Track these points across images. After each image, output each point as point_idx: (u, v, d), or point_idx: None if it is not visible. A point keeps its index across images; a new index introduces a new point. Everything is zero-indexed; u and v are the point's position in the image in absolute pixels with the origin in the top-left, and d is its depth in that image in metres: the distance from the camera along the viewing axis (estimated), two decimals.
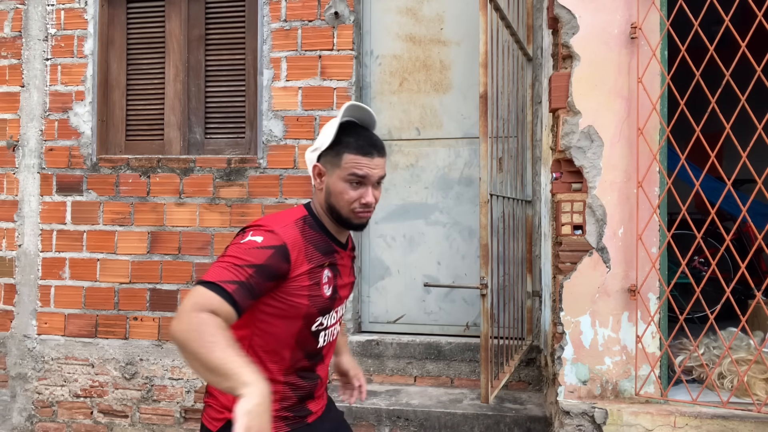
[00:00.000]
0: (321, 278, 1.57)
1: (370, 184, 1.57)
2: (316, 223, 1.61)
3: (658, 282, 2.64)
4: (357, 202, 1.56)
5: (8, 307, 3.86)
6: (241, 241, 1.47)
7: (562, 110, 2.73)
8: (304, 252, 1.53)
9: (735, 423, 2.48)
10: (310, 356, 1.62)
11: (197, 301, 1.31)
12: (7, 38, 3.91)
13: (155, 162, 3.74)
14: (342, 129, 1.59)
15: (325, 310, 1.60)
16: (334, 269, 1.63)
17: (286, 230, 1.52)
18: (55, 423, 3.79)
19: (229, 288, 1.35)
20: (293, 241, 1.51)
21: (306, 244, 1.55)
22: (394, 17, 3.74)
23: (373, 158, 1.56)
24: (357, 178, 1.55)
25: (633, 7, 2.66)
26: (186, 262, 3.69)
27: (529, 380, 3.38)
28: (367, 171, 1.56)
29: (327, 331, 1.65)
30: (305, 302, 1.53)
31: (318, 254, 1.57)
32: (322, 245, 1.59)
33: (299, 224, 1.57)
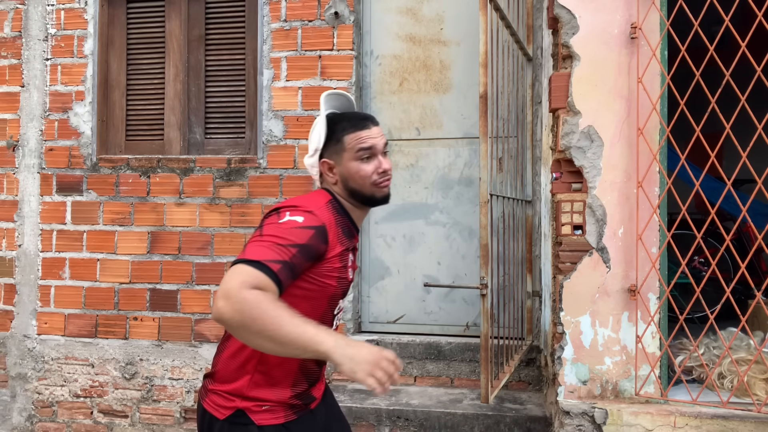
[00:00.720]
0: (347, 261, 1.61)
1: (378, 153, 1.62)
2: (340, 207, 1.63)
3: (658, 282, 2.64)
4: (375, 173, 1.60)
5: (8, 307, 3.86)
6: (279, 221, 1.44)
7: (562, 110, 2.73)
8: (336, 234, 1.55)
9: (735, 423, 2.48)
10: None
11: (245, 279, 1.27)
12: (7, 38, 3.91)
13: (155, 162, 3.74)
14: (331, 121, 1.65)
15: (346, 292, 1.65)
16: (353, 253, 1.67)
17: (323, 212, 1.54)
18: (55, 423, 3.79)
19: (274, 267, 1.33)
20: (330, 223, 1.53)
21: (337, 227, 1.57)
22: (394, 17, 3.74)
23: (370, 129, 1.62)
24: (365, 152, 1.59)
25: (633, 7, 2.66)
26: (186, 262, 3.69)
27: (529, 380, 3.38)
28: (371, 142, 1.61)
29: (340, 313, 1.71)
30: (333, 283, 1.56)
31: (345, 238, 1.60)
32: (347, 229, 1.62)
33: (329, 207, 1.59)
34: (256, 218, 3.62)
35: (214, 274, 3.65)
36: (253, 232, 3.58)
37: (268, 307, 1.24)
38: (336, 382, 3.47)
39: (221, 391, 1.56)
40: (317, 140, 1.63)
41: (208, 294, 3.66)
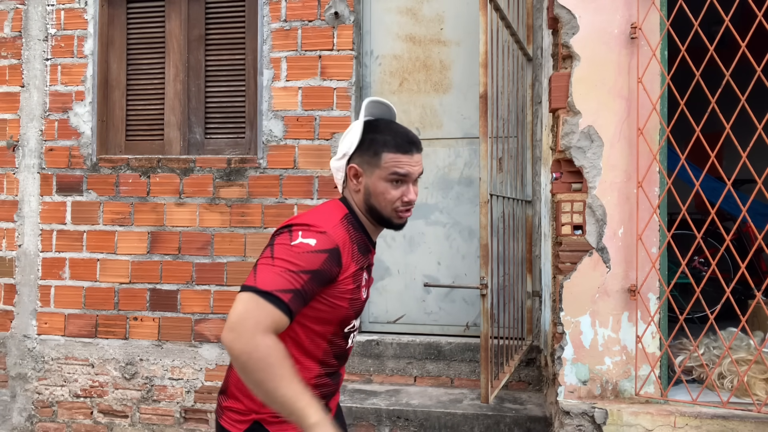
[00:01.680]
0: (361, 281, 1.55)
1: (410, 181, 1.54)
2: (357, 221, 1.56)
3: (658, 282, 2.64)
4: (399, 201, 1.52)
5: (8, 307, 3.86)
6: (291, 243, 1.39)
7: (562, 110, 2.73)
8: (351, 253, 1.49)
9: (735, 423, 2.48)
10: (339, 357, 1.60)
11: (259, 320, 1.27)
12: (7, 38, 3.91)
13: (155, 162, 3.74)
14: (371, 127, 1.54)
15: (359, 312, 1.58)
16: (369, 270, 1.60)
17: (337, 231, 1.46)
18: (55, 423, 3.79)
19: (286, 297, 1.31)
20: (343, 243, 1.46)
21: (352, 245, 1.51)
22: (394, 17, 3.74)
23: (412, 155, 1.52)
24: (398, 176, 1.51)
25: (633, 7, 2.65)
26: (186, 262, 3.69)
27: (529, 380, 3.38)
28: (408, 169, 1.51)
29: (354, 333, 1.63)
30: (345, 305, 1.50)
31: (360, 255, 1.53)
32: (362, 246, 1.55)
33: (344, 223, 1.51)
34: (256, 218, 3.62)
35: (214, 274, 3.65)
36: (254, 231, 3.60)
37: (274, 362, 1.26)
38: None
39: (236, 407, 1.53)
40: (348, 145, 1.55)
41: (208, 294, 3.66)
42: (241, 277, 3.61)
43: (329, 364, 1.58)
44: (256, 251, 3.60)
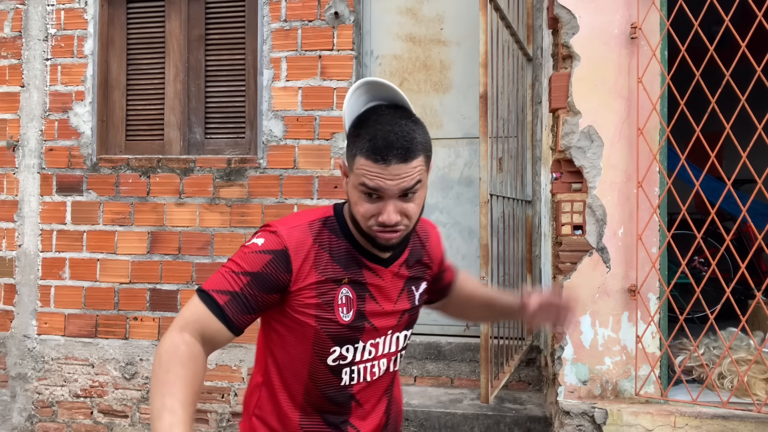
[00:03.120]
0: (336, 298, 1.26)
1: (388, 197, 1.18)
2: (340, 226, 1.30)
3: (658, 282, 2.64)
4: (373, 218, 1.20)
5: (8, 307, 3.86)
6: (245, 243, 1.27)
7: (562, 110, 2.73)
8: (312, 260, 1.25)
9: (735, 423, 2.48)
10: (333, 399, 1.31)
11: (185, 316, 1.18)
12: (7, 38, 3.91)
13: (155, 162, 3.74)
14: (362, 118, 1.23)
15: (345, 339, 1.28)
16: (360, 289, 1.29)
17: (293, 232, 1.25)
18: (55, 423, 3.79)
19: (221, 300, 1.19)
20: (297, 246, 1.24)
21: (318, 251, 1.26)
22: (394, 17, 3.74)
23: (388, 166, 1.15)
24: (367, 189, 1.18)
25: (633, 7, 2.65)
26: (186, 262, 3.69)
27: (529, 380, 3.38)
28: (378, 183, 1.16)
29: (357, 368, 1.31)
30: (312, 323, 1.25)
31: (334, 266, 1.27)
32: (342, 256, 1.28)
33: (316, 226, 1.28)
34: (256, 218, 3.62)
35: None
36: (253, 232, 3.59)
37: (166, 364, 1.11)
38: None
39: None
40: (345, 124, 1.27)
41: None
42: None
43: (320, 409, 1.31)
44: None
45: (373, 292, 1.31)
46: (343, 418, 1.32)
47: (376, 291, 1.31)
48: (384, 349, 1.34)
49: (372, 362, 1.33)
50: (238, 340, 3.58)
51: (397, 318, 1.35)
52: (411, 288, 1.37)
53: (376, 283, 1.31)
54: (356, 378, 1.32)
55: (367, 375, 1.33)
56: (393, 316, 1.34)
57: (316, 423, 1.31)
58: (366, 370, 1.32)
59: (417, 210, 1.23)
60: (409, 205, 1.20)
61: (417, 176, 1.18)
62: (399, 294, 1.34)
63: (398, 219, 1.19)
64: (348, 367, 1.30)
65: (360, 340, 1.30)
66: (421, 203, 1.24)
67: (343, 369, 1.30)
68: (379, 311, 1.31)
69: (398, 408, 1.49)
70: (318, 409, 1.31)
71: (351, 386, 1.31)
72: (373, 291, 1.31)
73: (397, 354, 1.38)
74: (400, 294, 1.35)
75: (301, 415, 1.31)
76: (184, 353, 1.13)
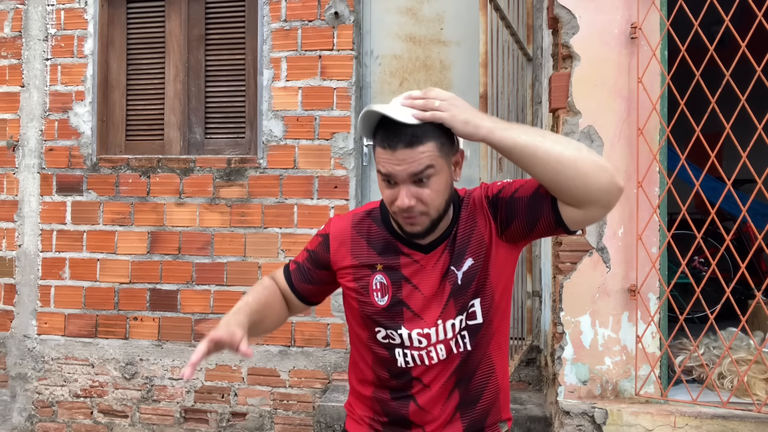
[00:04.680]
0: (370, 283, 1.38)
1: (401, 182, 1.26)
2: (381, 216, 1.41)
3: (658, 282, 2.65)
4: (394, 204, 1.29)
5: (8, 307, 3.86)
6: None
7: (562, 110, 2.73)
8: (349, 245, 1.40)
9: (735, 423, 2.48)
10: (394, 374, 1.41)
11: (273, 272, 1.53)
12: (7, 38, 3.91)
13: (155, 162, 3.74)
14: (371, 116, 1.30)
15: (386, 322, 1.37)
16: (395, 275, 1.37)
17: (339, 220, 1.45)
18: (55, 423, 3.79)
19: (292, 267, 1.48)
20: (337, 232, 1.42)
21: (356, 237, 1.40)
22: (394, 17, 3.74)
23: (395, 151, 1.24)
24: (383, 175, 1.28)
25: (633, 7, 2.66)
26: (186, 262, 3.69)
27: (529, 380, 3.38)
28: (388, 168, 1.26)
29: (411, 353, 1.37)
30: (354, 305, 1.41)
31: (371, 251, 1.39)
32: (380, 243, 1.39)
33: (359, 215, 1.43)
34: (256, 218, 3.62)
35: (214, 274, 3.65)
36: (254, 231, 3.60)
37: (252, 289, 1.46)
38: (336, 382, 3.47)
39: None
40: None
41: (208, 294, 3.66)
42: (241, 277, 3.60)
43: (383, 379, 1.43)
44: (256, 251, 3.60)
45: (411, 278, 1.36)
46: (409, 395, 1.39)
47: (415, 277, 1.36)
48: (437, 338, 1.36)
49: (427, 349, 1.36)
50: None
51: (443, 304, 1.35)
52: (451, 269, 1.36)
53: (414, 270, 1.36)
54: (411, 362, 1.37)
55: (424, 359, 1.37)
56: (437, 303, 1.35)
57: (384, 395, 1.43)
58: (421, 357, 1.37)
59: (434, 195, 1.27)
60: (424, 191, 1.26)
61: (426, 161, 1.24)
62: (442, 278, 1.36)
63: (412, 203, 1.25)
64: (400, 348, 1.37)
65: (403, 327, 1.36)
66: (439, 189, 1.28)
67: (395, 349, 1.37)
68: (420, 297, 1.36)
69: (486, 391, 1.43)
70: (384, 384, 1.42)
71: (408, 368, 1.38)
72: (410, 277, 1.36)
73: (456, 337, 1.36)
74: (443, 278, 1.36)
75: (373, 386, 1.45)
76: (260, 283, 1.48)
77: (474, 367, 1.40)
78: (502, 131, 1.22)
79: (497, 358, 1.43)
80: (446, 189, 1.30)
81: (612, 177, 1.20)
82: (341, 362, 3.46)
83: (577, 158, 1.19)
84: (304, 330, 3.53)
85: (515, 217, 1.32)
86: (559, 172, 1.19)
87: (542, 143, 1.21)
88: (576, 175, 1.18)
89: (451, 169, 1.32)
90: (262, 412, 3.55)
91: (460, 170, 1.36)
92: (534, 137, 1.22)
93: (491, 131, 1.22)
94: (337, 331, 3.48)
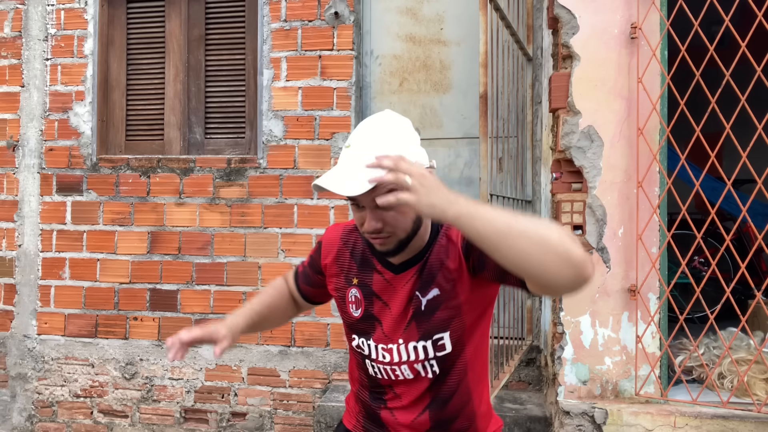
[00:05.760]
0: (347, 295, 1.45)
1: (367, 206, 1.27)
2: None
3: (658, 282, 2.65)
4: (362, 227, 1.31)
5: (8, 307, 3.86)
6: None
7: (562, 110, 2.73)
8: (335, 254, 1.47)
9: (735, 423, 2.48)
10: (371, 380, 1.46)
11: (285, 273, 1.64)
12: (7, 38, 3.91)
13: (155, 162, 3.74)
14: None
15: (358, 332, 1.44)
16: (367, 291, 1.41)
17: (332, 230, 1.52)
18: (55, 423, 3.79)
19: (299, 268, 1.60)
20: (329, 241, 1.50)
21: (342, 248, 1.46)
22: (394, 17, 3.74)
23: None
24: (350, 199, 1.29)
25: (633, 7, 2.66)
26: (186, 262, 3.69)
27: (529, 380, 3.38)
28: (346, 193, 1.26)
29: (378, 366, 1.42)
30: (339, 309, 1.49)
31: (352, 264, 1.44)
32: (359, 257, 1.44)
33: (349, 227, 1.48)
34: (256, 218, 3.62)
35: (214, 274, 3.65)
36: (254, 231, 3.60)
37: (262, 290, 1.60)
38: (336, 382, 3.47)
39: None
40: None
41: (208, 294, 3.66)
42: (241, 277, 3.60)
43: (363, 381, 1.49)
44: (256, 251, 3.60)
45: (381, 295, 1.40)
46: (383, 400, 1.45)
47: (384, 294, 1.39)
48: (400, 357, 1.38)
49: (391, 366, 1.40)
50: (239, 340, 3.57)
51: (404, 325, 1.38)
52: (416, 294, 1.37)
53: (383, 287, 1.39)
54: (379, 373, 1.42)
55: (389, 374, 1.41)
56: (401, 322, 1.38)
57: (365, 396, 1.49)
58: (386, 371, 1.41)
59: (399, 217, 1.28)
60: (388, 213, 1.27)
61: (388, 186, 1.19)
62: (408, 300, 1.38)
63: (378, 226, 1.27)
64: (368, 359, 1.43)
65: (372, 339, 1.41)
66: (405, 210, 1.27)
67: (365, 359, 1.44)
68: (389, 314, 1.39)
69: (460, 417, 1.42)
70: (363, 385, 1.49)
71: (378, 378, 1.43)
72: (380, 294, 1.40)
73: (423, 363, 1.37)
74: (409, 301, 1.38)
75: (358, 383, 1.51)
76: (270, 284, 1.62)
77: (448, 393, 1.41)
78: (468, 219, 1.13)
79: (474, 386, 1.43)
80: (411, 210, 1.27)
81: (578, 272, 1.12)
82: (341, 362, 3.46)
83: (541, 255, 1.10)
84: (304, 330, 3.53)
85: (484, 269, 1.30)
86: (521, 267, 1.13)
87: (506, 237, 1.11)
88: (539, 272, 1.12)
89: None
90: (262, 412, 3.55)
91: None
92: (498, 230, 1.11)
93: (457, 218, 1.13)
94: (337, 331, 3.48)
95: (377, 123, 1.31)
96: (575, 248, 1.12)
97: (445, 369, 1.39)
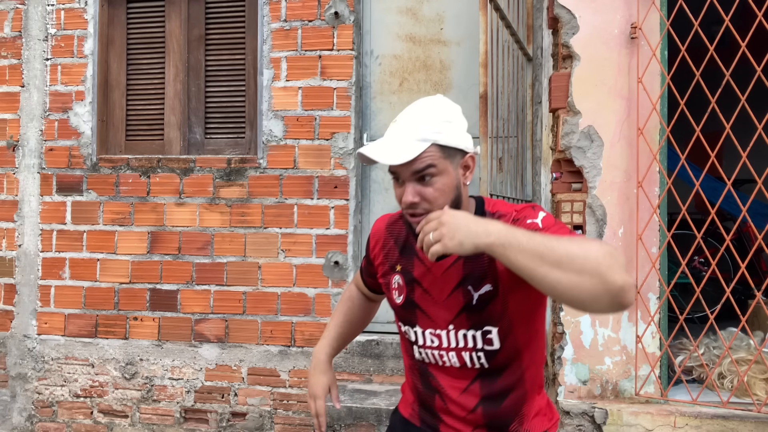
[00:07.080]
0: (390, 282, 1.48)
1: (406, 179, 1.30)
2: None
3: (658, 282, 2.65)
4: (402, 201, 1.33)
5: (8, 307, 3.87)
6: None
7: (562, 110, 2.73)
8: (382, 244, 1.52)
9: (735, 423, 2.48)
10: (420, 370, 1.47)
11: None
12: (7, 38, 3.91)
13: (155, 162, 3.74)
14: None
15: (404, 318, 1.46)
16: (409, 278, 1.44)
17: (379, 221, 1.57)
18: (55, 423, 3.79)
19: (362, 264, 1.66)
20: (375, 231, 1.56)
21: (387, 237, 1.52)
22: (394, 17, 3.74)
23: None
24: (391, 173, 1.33)
25: (633, 7, 2.66)
26: (186, 262, 3.69)
27: None
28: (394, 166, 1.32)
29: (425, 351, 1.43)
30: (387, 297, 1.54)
31: (395, 251, 1.48)
32: (402, 244, 1.47)
33: (395, 216, 1.53)
34: (256, 218, 3.62)
35: (214, 274, 3.65)
36: (254, 231, 3.60)
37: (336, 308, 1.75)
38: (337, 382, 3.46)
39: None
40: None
41: (208, 294, 3.66)
42: (241, 277, 3.60)
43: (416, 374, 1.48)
44: (256, 251, 3.60)
45: (421, 281, 1.41)
46: (434, 389, 1.44)
47: (425, 281, 1.41)
48: (449, 343, 1.39)
49: (438, 351, 1.41)
50: (239, 340, 3.59)
51: (454, 313, 1.37)
52: (468, 287, 1.36)
53: (423, 272, 1.41)
54: (426, 358, 1.44)
55: (437, 360, 1.42)
56: (447, 310, 1.38)
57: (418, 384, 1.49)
58: (434, 356, 1.42)
59: (437, 194, 1.30)
60: (427, 189, 1.30)
61: (427, 160, 1.28)
62: (453, 289, 1.37)
63: (415, 200, 1.30)
64: (416, 345, 1.45)
65: (417, 325, 1.43)
66: (443, 189, 1.30)
67: (412, 345, 1.46)
68: (431, 301, 1.40)
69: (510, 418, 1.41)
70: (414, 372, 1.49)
71: (426, 364, 1.44)
72: (420, 280, 1.42)
73: (471, 352, 1.37)
74: (454, 289, 1.37)
75: (410, 371, 1.52)
76: (344, 295, 1.73)
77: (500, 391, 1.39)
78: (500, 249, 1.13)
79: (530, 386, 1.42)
80: (451, 189, 1.32)
81: (615, 300, 1.08)
82: (341, 362, 3.46)
83: (575, 287, 1.08)
84: (304, 330, 3.53)
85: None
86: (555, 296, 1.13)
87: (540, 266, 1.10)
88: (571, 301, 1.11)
89: (457, 171, 1.33)
90: (262, 412, 3.55)
91: (471, 174, 1.37)
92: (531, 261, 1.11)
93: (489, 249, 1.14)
94: None
95: (425, 103, 1.35)
96: (615, 275, 1.07)
97: (496, 366, 1.38)
